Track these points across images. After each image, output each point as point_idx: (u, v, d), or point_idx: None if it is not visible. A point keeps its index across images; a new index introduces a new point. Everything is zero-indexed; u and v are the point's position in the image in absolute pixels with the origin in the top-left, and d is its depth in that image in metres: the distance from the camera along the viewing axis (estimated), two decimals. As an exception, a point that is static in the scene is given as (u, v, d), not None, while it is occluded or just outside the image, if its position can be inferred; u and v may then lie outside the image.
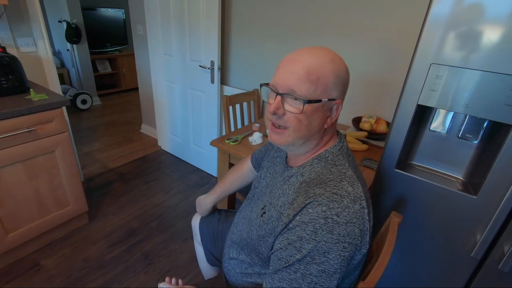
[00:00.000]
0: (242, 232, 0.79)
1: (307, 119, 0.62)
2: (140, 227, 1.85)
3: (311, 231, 0.56)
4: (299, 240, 0.57)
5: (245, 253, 0.77)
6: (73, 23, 3.42)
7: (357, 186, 0.61)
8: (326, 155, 0.67)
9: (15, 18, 1.69)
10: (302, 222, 0.57)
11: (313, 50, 0.63)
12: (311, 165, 0.68)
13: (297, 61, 0.61)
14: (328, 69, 0.61)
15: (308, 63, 0.60)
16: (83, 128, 3.30)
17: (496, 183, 0.83)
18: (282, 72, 0.63)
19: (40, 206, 1.53)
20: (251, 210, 0.81)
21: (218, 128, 2.25)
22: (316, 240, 0.55)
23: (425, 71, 0.85)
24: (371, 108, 1.69)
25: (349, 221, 0.56)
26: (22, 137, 1.35)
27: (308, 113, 0.61)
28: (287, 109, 0.62)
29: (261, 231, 0.69)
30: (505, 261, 0.85)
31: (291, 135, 0.64)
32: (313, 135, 0.65)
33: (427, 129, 1.00)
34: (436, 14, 0.80)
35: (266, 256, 0.69)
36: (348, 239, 0.56)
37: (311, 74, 0.59)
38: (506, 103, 0.76)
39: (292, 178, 0.69)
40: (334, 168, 0.64)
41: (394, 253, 1.05)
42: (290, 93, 0.61)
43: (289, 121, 0.63)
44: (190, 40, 2.12)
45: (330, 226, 0.55)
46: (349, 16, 1.60)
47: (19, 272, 1.50)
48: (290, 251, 0.58)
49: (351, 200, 0.58)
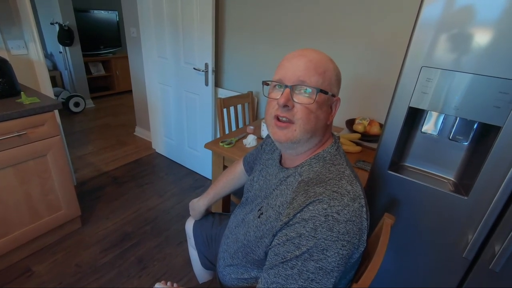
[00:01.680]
0: (237, 235, 0.79)
1: (317, 110, 0.64)
2: (134, 231, 1.84)
3: (311, 228, 0.56)
4: (298, 237, 0.57)
5: (240, 258, 0.76)
6: (65, 25, 3.39)
7: (356, 185, 0.62)
8: (324, 155, 0.68)
9: (5, 20, 1.67)
10: (302, 219, 0.58)
11: (314, 49, 0.67)
12: (309, 164, 0.68)
13: (304, 56, 0.64)
14: (330, 66, 0.66)
15: (314, 57, 0.64)
16: (76, 131, 3.26)
17: (486, 184, 0.84)
18: (289, 65, 0.64)
19: (31, 210, 1.51)
20: (246, 213, 0.81)
21: (212, 130, 2.25)
22: (316, 237, 0.55)
23: (416, 74, 0.86)
24: (364, 110, 1.71)
25: (349, 219, 0.56)
26: (12, 141, 1.33)
27: (319, 103, 0.63)
28: (298, 100, 0.63)
29: (259, 232, 0.69)
30: (496, 261, 0.86)
31: (298, 129, 0.64)
32: (318, 130, 0.66)
33: (419, 131, 1.01)
34: (426, 17, 0.81)
35: (263, 257, 0.68)
36: (347, 237, 0.56)
37: (319, 66, 0.63)
38: (495, 105, 0.77)
39: (290, 178, 0.70)
40: (333, 168, 0.65)
41: (387, 254, 1.06)
42: (300, 83, 0.63)
43: (298, 113, 0.63)
44: (184, 42, 2.11)
45: (331, 224, 0.55)
46: (342, 19, 1.61)
47: (10, 278, 1.47)
48: (288, 247, 0.58)
49: (351, 198, 0.58)
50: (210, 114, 2.18)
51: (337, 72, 0.68)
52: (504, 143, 0.78)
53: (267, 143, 0.91)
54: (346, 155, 0.73)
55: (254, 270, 0.74)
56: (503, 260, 0.85)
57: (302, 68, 0.62)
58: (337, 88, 0.68)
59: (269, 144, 0.89)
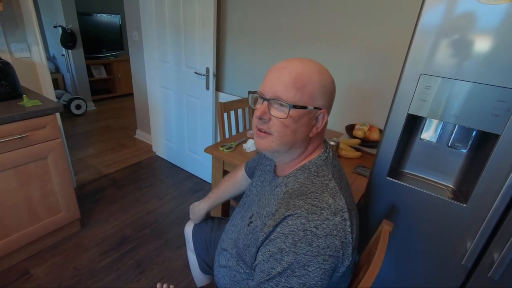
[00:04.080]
0: (231, 240, 0.79)
1: (293, 124, 0.63)
2: (133, 234, 1.83)
3: (291, 243, 0.56)
4: (280, 252, 0.57)
5: (234, 260, 0.77)
6: (68, 28, 3.42)
7: (339, 198, 0.60)
8: (310, 166, 0.67)
9: (9, 23, 1.68)
10: (282, 233, 0.58)
11: (301, 60, 0.65)
12: (295, 175, 0.68)
13: (284, 68, 0.63)
14: (315, 78, 0.62)
15: (295, 70, 0.62)
16: (77, 133, 3.27)
17: (485, 191, 0.84)
18: (270, 79, 0.64)
19: (31, 213, 1.51)
20: (241, 218, 0.81)
21: (213, 134, 2.25)
22: (296, 252, 0.55)
23: (415, 81, 0.87)
24: (364, 115, 1.71)
25: (328, 233, 0.56)
26: (13, 144, 1.34)
27: (294, 118, 0.62)
28: (274, 114, 0.63)
29: (247, 240, 0.69)
30: (495, 269, 0.86)
31: (275, 140, 0.64)
32: (297, 142, 0.66)
33: (418, 138, 1.01)
34: (426, 24, 0.81)
35: (251, 265, 0.69)
36: (329, 251, 0.55)
37: (298, 81, 0.61)
38: (494, 114, 0.78)
39: (277, 188, 0.70)
40: (317, 180, 0.64)
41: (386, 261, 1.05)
42: (276, 98, 0.62)
43: (274, 126, 0.63)
44: (186, 46, 2.13)
45: (309, 239, 0.55)
46: (342, 25, 1.63)
47: (8, 280, 1.47)
48: (272, 263, 0.58)
49: (331, 212, 0.57)
50: (210, 118, 2.19)
51: (324, 84, 0.63)
52: (502, 151, 0.79)
53: None
54: (340, 164, 0.73)
55: (245, 273, 0.74)
56: (502, 268, 0.85)
57: (280, 81, 0.62)
58: (324, 100, 0.64)
59: None
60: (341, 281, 0.65)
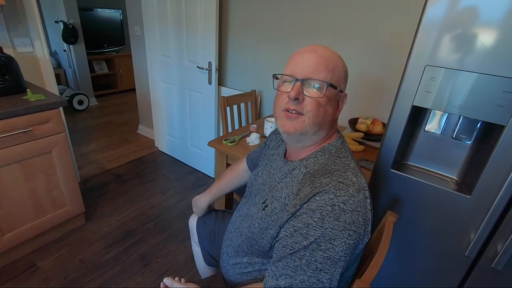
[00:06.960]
0: (241, 229, 0.80)
1: (326, 104, 0.65)
2: (137, 228, 1.85)
3: (318, 218, 0.57)
4: (306, 227, 0.58)
5: (245, 250, 0.77)
6: (70, 24, 3.42)
7: (361, 177, 0.63)
8: (330, 148, 0.70)
9: (12, 18, 1.68)
10: (309, 209, 0.58)
11: (323, 46, 0.69)
12: (315, 157, 0.69)
13: (315, 52, 0.66)
14: (340, 63, 0.68)
15: (325, 54, 0.66)
16: (79, 128, 3.28)
17: (489, 182, 0.84)
18: (300, 60, 0.66)
19: (36, 207, 1.53)
20: (249, 208, 0.82)
21: (215, 129, 2.26)
22: (323, 227, 0.56)
23: (420, 73, 0.86)
24: (367, 109, 1.71)
25: (354, 209, 0.57)
26: (18, 138, 1.35)
27: (328, 97, 0.65)
28: (308, 94, 0.65)
29: (264, 223, 0.70)
30: (498, 260, 0.86)
31: (306, 120, 0.65)
32: (325, 124, 0.68)
33: (422, 130, 1.01)
34: (430, 17, 0.81)
35: (267, 249, 0.69)
36: (353, 227, 0.57)
37: (329, 63, 0.65)
38: (499, 104, 0.77)
39: (295, 170, 0.71)
40: (338, 160, 0.66)
41: (390, 252, 1.06)
42: (311, 78, 0.64)
43: (308, 106, 0.65)
44: (188, 41, 2.12)
45: (337, 213, 0.56)
46: (346, 18, 1.62)
47: (14, 273, 1.49)
48: (296, 238, 0.59)
49: (356, 189, 0.59)
50: (213, 112, 2.19)
51: (345, 69, 0.70)
52: (507, 142, 0.78)
53: (272, 139, 0.93)
54: None
55: (258, 263, 0.75)
56: (506, 259, 0.86)
57: (313, 63, 0.64)
58: (345, 84, 0.71)
59: (274, 140, 0.91)
60: (355, 260, 0.67)
